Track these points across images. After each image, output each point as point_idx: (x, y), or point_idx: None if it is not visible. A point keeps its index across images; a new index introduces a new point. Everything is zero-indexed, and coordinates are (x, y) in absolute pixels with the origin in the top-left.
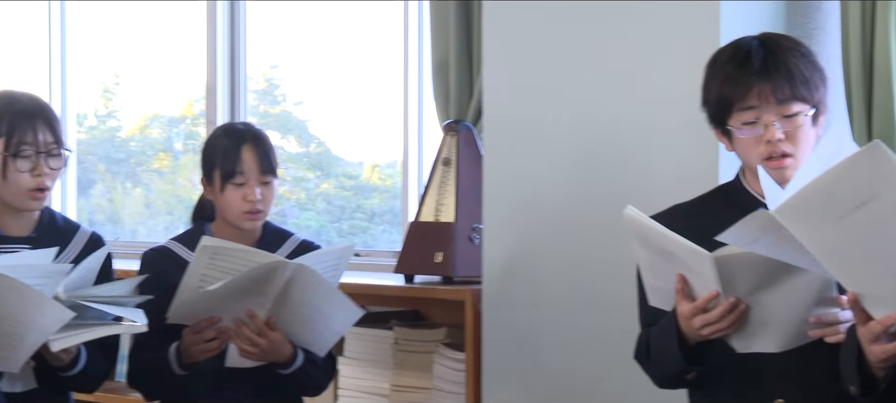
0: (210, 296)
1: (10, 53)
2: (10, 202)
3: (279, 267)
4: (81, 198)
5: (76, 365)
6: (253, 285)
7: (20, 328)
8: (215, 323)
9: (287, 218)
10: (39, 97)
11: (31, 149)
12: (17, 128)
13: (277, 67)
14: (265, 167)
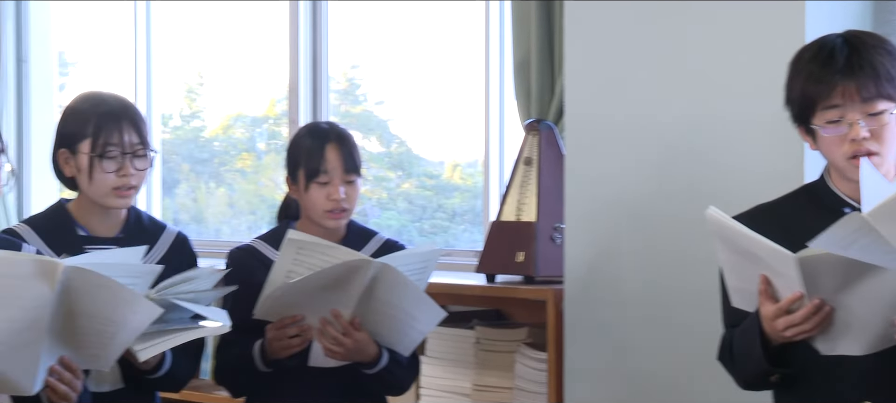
0: (295, 293)
1: (97, 54)
2: (97, 201)
3: (363, 264)
4: (166, 197)
5: (162, 368)
6: (337, 282)
7: (111, 326)
8: (298, 321)
9: (368, 217)
10: (125, 98)
11: (116, 150)
12: (103, 129)
13: (358, 67)
14: (349, 166)
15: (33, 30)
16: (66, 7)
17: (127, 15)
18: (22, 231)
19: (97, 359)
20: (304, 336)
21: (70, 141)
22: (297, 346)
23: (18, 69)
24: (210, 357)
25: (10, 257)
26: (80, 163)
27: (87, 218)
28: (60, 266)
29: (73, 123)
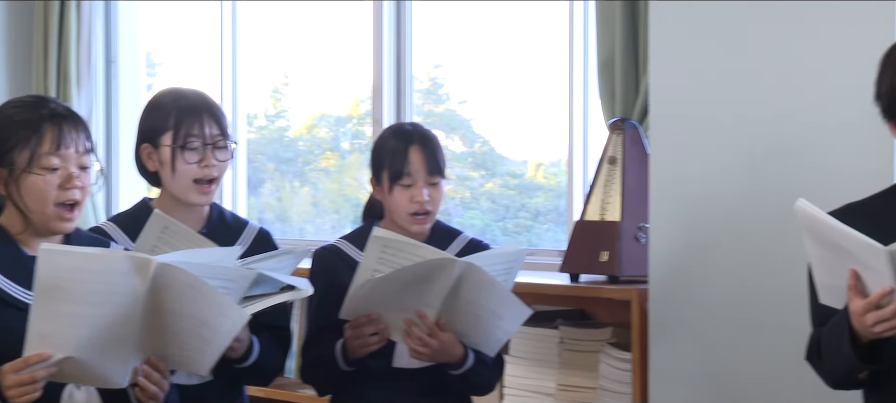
0: (379, 292)
1: (184, 55)
2: (179, 195)
3: (448, 263)
4: (251, 196)
5: (250, 356)
6: (421, 281)
7: (204, 329)
8: (373, 320)
9: (451, 217)
10: (205, 92)
11: (198, 141)
12: (184, 121)
13: (441, 66)
14: (432, 168)
15: (122, 31)
16: (154, 8)
17: (213, 15)
18: (109, 229)
19: (193, 363)
20: (382, 334)
21: (152, 135)
22: (374, 345)
23: (107, 70)
24: (296, 354)
25: (105, 254)
26: (162, 156)
27: (171, 213)
28: (153, 262)
29: (155, 118)
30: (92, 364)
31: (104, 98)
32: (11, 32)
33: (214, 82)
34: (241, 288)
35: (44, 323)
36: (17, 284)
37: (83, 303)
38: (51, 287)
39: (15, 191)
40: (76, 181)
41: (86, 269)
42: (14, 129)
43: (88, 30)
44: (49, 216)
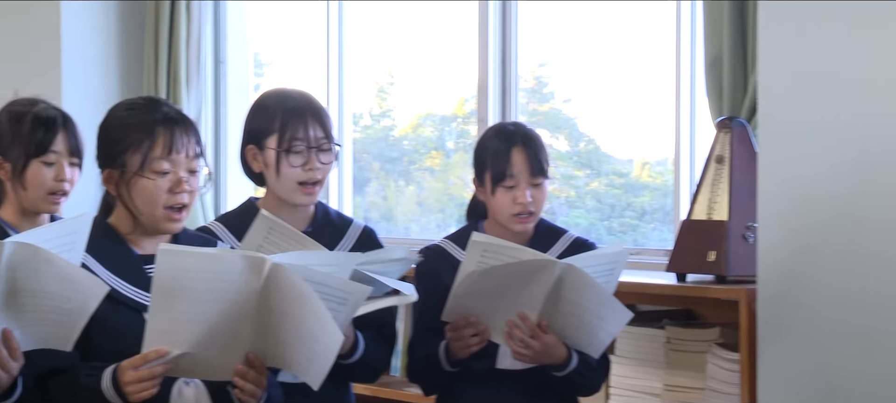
0: (480, 295)
1: (291, 55)
2: (284, 197)
3: (547, 264)
4: (357, 195)
5: (355, 353)
6: (521, 283)
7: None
8: (472, 322)
9: (556, 216)
10: (310, 94)
11: (302, 144)
12: (289, 124)
13: (546, 65)
14: (535, 169)
15: (230, 31)
16: (262, 8)
17: (320, 15)
18: (216, 228)
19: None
20: (482, 336)
21: (257, 137)
22: (475, 346)
23: (216, 70)
24: (401, 353)
25: (221, 254)
26: (267, 158)
27: (276, 212)
28: (268, 262)
29: (260, 120)
30: (205, 360)
31: (213, 98)
32: (124, 33)
33: (321, 82)
34: (357, 302)
35: (162, 320)
36: (129, 283)
37: (199, 301)
38: (168, 286)
39: (126, 192)
40: (185, 185)
41: (202, 268)
42: (127, 132)
43: (198, 30)
44: (158, 217)
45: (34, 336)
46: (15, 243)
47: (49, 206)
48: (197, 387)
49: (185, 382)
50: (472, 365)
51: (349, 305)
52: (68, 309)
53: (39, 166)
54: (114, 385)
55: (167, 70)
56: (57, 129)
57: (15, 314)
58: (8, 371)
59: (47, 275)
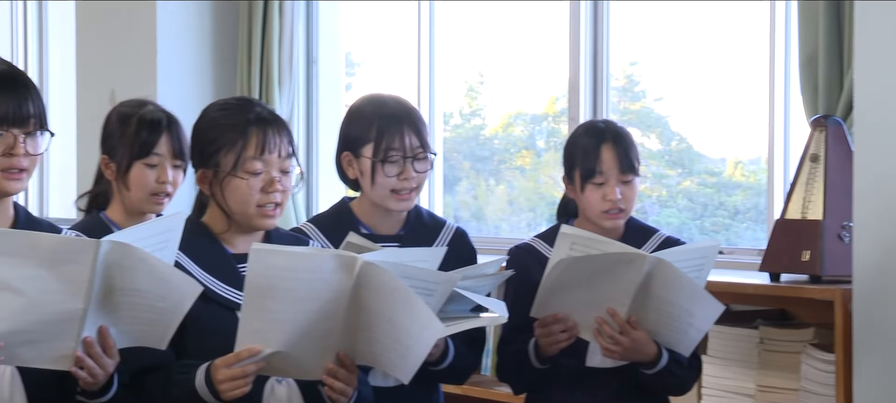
0: (569, 290)
1: (382, 54)
2: (378, 203)
3: (636, 258)
4: (447, 195)
5: (445, 359)
6: (610, 277)
7: (404, 336)
8: (560, 319)
9: (648, 215)
10: (407, 101)
11: (398, 154)
12: (385, 134)
13: (637, 64)
14: (625, 166)
15: (322, 31)
16: (354, 8)
17: (411, 15)
18: (308, 229)
19: (393, 367)
20: (571, 332)
21: (353, 144)
22: (564, 342)
23: (308, 70)
24: (491, 352)
25: (313, 253)
26: (362, 166)
27: (369, 216)
28: (358, 260)
29: (357, 127)
30: (297, 358)
31: (304, 98)
32: (217, 34)
33: (411, 81)
34: (444, 293)
35: (254, 319)
36: (223, 282)
37: (292, 300)
38: (261, 285)
39: (219, 192)
40: (278, 185)
41: (295, 268)
42: (220, 132)
43: (290, 30)
44: (251, 216)
45: (129, 334)
46: (110, 241)
47: (152, 207)
48: (289, 386)
49: (277, 380)
50: (561, 364)
51: (436, 296)
52: (162, 308)
53: (142, 167)
54: (207, 382)
55: (260, 70)
56: (161, 131)
57: (111, 312)
58: (104, 368)
59: (141, 274)
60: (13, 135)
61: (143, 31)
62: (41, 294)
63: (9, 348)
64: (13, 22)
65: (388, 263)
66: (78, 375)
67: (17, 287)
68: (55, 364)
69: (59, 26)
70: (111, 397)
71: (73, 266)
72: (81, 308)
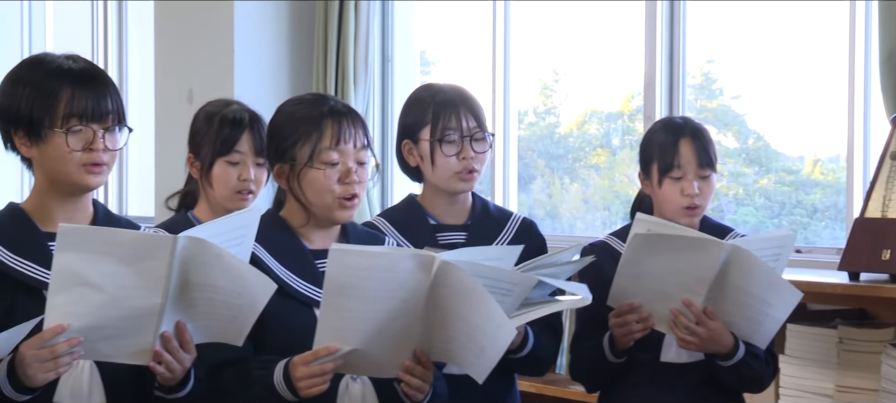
0: (645, 280)
1: (457, 53)
2: (441, 186)
3: (713, 246)
4: (522, 193)
5: (525, 347)
6: (685, 266)
7: (478, 334)
8: (635, 308)
9: (724, 213)
10: (461, 85)
11: (455, 134)
12: (441, 115)
13: (714, 61)
14: (703, 161)
15: (397, 29)
16: (429, 7)
17: (485, 13)
18: (379, 223)
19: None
20: (645, 324)
21: (411, 131)
22: (638, 333)
23: (383, 67)
24: (565, 351)
25: (392, 252)
26: (422, 150)
27: (435, 207)
28: (436, 260)
29: (413, 113)
30: (374, 356)
31: (380, 95)
32: (294, 33)
33: (486, 79)
34: (521, 293)
35: (333, 317)
36: (301, 279)
37: (370, 299)
38: (340, 284)
39: (296, 185)
40: (354, 175)
41: (374, 267)
42: (296, 126)
43: (366, 29)
44: (329, 206)
45: (206, 330)
46: (187, 237)
47: (236, 205)
48: (363, 383)
49: (351, 378)
50: (636, 357)
51: (513, 295)
52: (238, 305)
53: (224, 165)
54: (285, 379)
55: (336, 68)
56: (242, 129)
57: (188, 308)
58: (181, 364)
59: (217, 270)
60: (92, 131)
61: (221, 31)
62: (120, 289)
63: (88, 343)
64: (94, 22)
65: (464, 263)
66: (156, 370)
67: (97, 283)
68: (133, 358)
69: (138, 26)
70: (188, 392)
71: (150, 261)
72: (159, 303)
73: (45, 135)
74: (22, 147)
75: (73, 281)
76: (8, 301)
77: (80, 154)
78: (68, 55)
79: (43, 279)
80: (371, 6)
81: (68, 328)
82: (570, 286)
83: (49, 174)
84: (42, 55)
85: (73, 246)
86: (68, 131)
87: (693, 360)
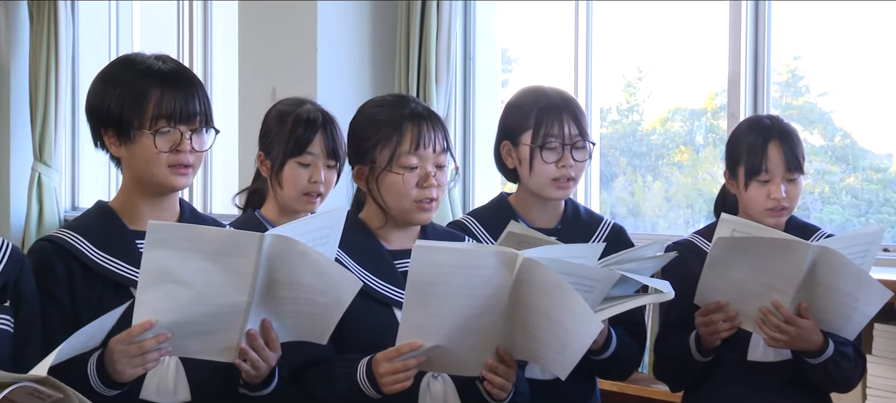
0: (731, 278)
1: (539, 51)
2: (536, 192)
3: (800, 247)
4: (604, 191)
5: (609, 348)
6: (773, 266)
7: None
8: (722, 307)
9: (810, 212)
10: (566, 91)
11: (556, 141)
12: (544, 121)
13: (801, 58)
14: (792, 164)
15: (480, 28)
16: (511, 6)
17: (568, 12)
18: (468, 222)
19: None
20: (732, 322)
21: (512, 133)
22: (725, 332)
23: (465, 66)
24: (649, 350)
25: (475, 250)
26: (521, 154)
27: (526, 209)
28: (520, 257)
29: (516, 116)
30: (457, 353)
31: (462, 94)
32: (376, 32)
33: (568, 77)
34: (603, 289)
35: (416, 314)
36: (380, 279)
37: (454, 296)
38: (424, 281)
39: (375, 187)
40: (433, 179)
41: (457, 264)
42: (376, 128)
43: (448, 28)
44: (407, 210)
45: (291, 328)
46: (273, 235)
47: (304, 206)
48: (444, 381)
49: (433, 375)
50: (723, 357)
51: (596, 292)
52: (324, 303)
53: (295, 166)
54: (368, 376)
55: (418, 67)
56: (315, 130)
57: (274, 306)
58: (267, 362)
59: (303, 269)
60: (180, 132)
61: (304, 30)
62: (207, 286)
63: (176, 339)
64: (179, 22)
65: (547, 259)
66: (241, 367)
67: (185, 279)
68: (220, 355)
69: (222, 26)
70: (272, 390)
71: (237, 259)
72: (245, 301)
73: (133, 135)
74: (111, 146)
75: (161, 278)
76: (97, 298)
77: (168, 155)
78: (158, 55)
79: (130, 276)
80: (453, 5)
81: (156, 324)
82: (652, 282)
83: (136, 174)
84: (132, 55)
85: (162, 243)
86: (156, 132)
87: (780, 359)
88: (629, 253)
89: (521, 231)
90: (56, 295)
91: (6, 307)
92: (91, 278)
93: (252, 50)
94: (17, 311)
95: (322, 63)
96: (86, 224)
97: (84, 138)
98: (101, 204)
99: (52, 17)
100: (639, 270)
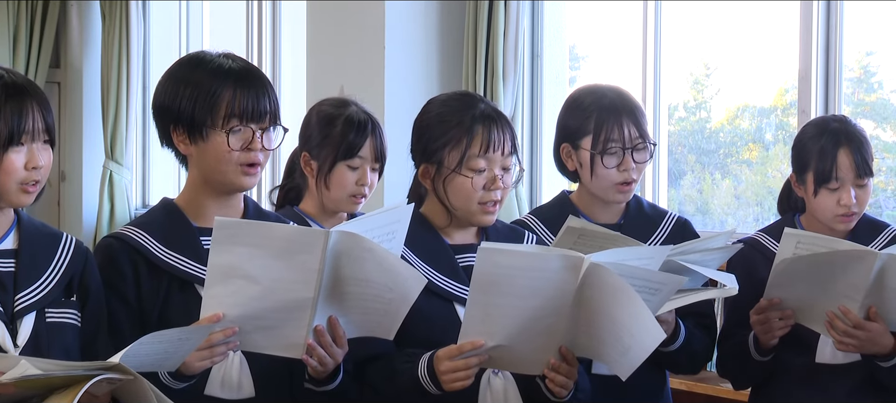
0: (798, 285)
1: (607, 48)
2: (598, 195)
3: (866, 256)
4: (672, 188)
5: (677, 340)
6: (840, 273)
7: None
8: (775, 305)
9: (882, 209)
10: (625, 91)
11: (617, 146)
12: (604, 126)
13: (873, 54)
14: (862, 170)
15: (547, 26)
16: (579, 4)
17: (636, 9)
18: (530, 221)
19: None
20: (787, 321)
21: (572, 136)
22: (780, 331)
23: (532, 64)
24: None
25: (540, 252)
26: (581, 158)
27: (589, 207)
28: (585, 261)
29: (575, 118)
30: (519, 353)
31: (529, 91)
32: (444, 31)
33: (636, 74)
34: (669, 292)
35: (479, 313)
36: (443, 275)
37: (517, 297)
38: (488, 282)
39: (441, 187)
40: (499, 182)
41: (522, 266)
42: (445, 128)
43: (515, 26)
44: (473, 212)
45: (357, 324)
46: (339, 232)
47: (348, 207)
48: (505, 378)
49: (493, 372)
50: (790, 360)
51: (661, 294)
52: (390, 299)
53: (344, 169)
54: (429, 373)
55: (485, 65)
56: (366, 134)
57: (340, 302)
58: (333, 357)
59: (370, 264)
60: (250, 131)
61: (372, 30)
62: (274, 282)
63: (243, 333)
64: (249, 21)
65: (613, 263)
66: (308, 363)
67: (252, 275)
68: (287, 351)
69: (290, 25)
70: (337, 385)
71: (304, 255)
72: (312, 297)
73: (206, 134)
74: (180, 144)
75: (228, 273)
76: (162, 294)
77: (239, 153)
78: (225, 54)
79: (195, 273)
80: (521, 4)
81: (224, 318)
82: (717, 275)
83: (205, 172)
84: (201, 54)
85: (229, 239)
86: (229, 131)
87: (849, 361)
88: (695, 244)
89: (580, 225)
90: (121, 290)
91: (73, 301)
92: (156, 274)
93: (320, 49)
94: (83, 305)
95: (390, 61)
96: (151, 221)
97: (154, 136)
98: (166, 202)
99: (123, 17)
100: (704, 261)
